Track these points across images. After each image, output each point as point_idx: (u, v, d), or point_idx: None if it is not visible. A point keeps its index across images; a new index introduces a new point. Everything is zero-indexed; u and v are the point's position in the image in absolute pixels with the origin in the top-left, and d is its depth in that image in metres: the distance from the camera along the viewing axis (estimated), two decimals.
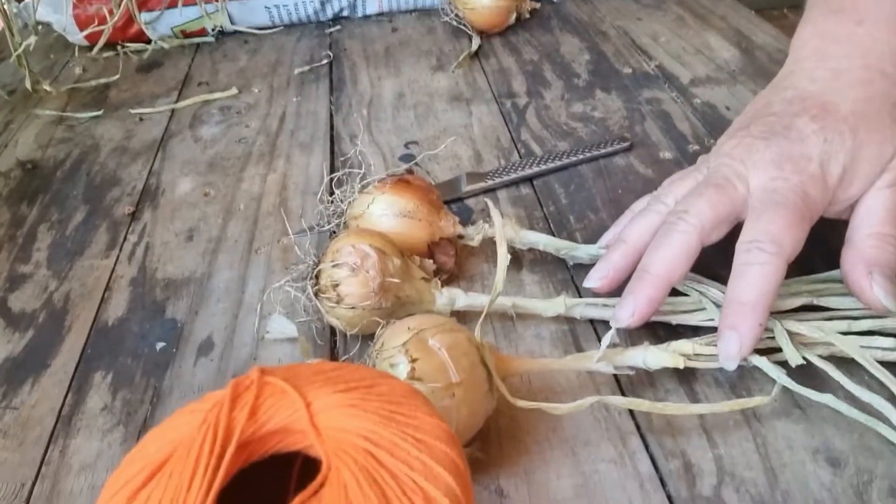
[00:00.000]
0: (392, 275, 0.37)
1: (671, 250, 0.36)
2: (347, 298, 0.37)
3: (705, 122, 0.57)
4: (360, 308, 0.37)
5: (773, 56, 0.66)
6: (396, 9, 0.81)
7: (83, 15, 0.74)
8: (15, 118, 0.65)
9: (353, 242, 0.37)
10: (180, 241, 0.48)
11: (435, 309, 0.39)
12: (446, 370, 0.31)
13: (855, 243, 0.36)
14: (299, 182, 0.53)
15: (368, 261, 0.37)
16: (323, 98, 0.65)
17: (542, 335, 0.39)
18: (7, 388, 0.38)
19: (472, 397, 0.31)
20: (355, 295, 0.36)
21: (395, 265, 0.37)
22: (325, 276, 0.37)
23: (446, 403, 0.30)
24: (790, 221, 0.34)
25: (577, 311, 0.39)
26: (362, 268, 0.37)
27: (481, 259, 0.45)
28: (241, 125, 0.62)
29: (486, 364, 0.32)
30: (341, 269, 0.37)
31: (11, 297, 0.45)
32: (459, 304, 0.39)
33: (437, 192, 0.44)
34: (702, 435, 0.34)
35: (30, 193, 0.55)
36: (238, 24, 0.77)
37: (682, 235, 0.36)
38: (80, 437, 0.35)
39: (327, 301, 0.37)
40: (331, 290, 0.37)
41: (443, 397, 0.30)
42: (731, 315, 0.34)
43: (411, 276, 0.38)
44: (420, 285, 0.39)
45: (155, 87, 0.69)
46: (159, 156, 0.58)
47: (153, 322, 0.42)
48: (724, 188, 0.37)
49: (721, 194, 0.36)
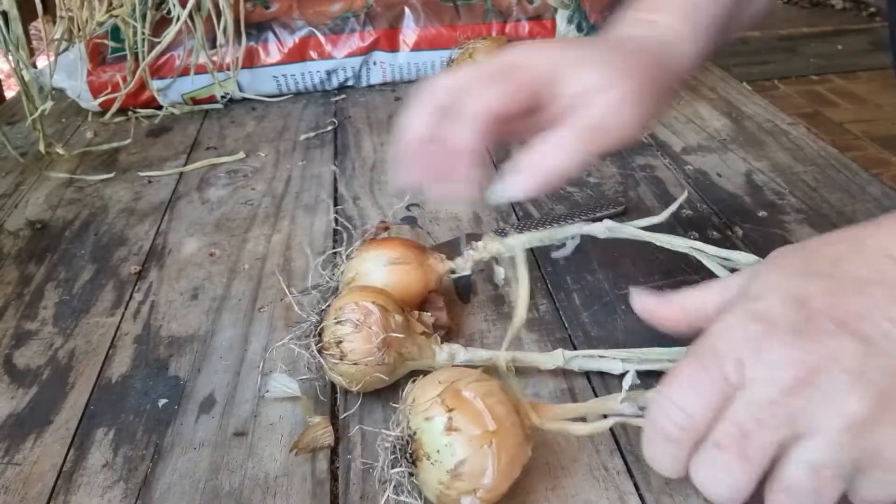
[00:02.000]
0: (394, 330, 0.38)
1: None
2: (351, 354, 0.37)
3: (697, 187, 0.59)
4: (363, 364, 0.37)
5: (763, 126, 0.69)
6: (399, 79, 0.84)
7: (97, 82, 0.77)
8: (26, 179, 0.67)
9: (356, 300, 0.38)
10: (185, 299, 0.49)
11: (436, 364, 0.39)
12: (483, 419, 0.31)
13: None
14: (303, 242, 0.55)
15: (371, 317, 0.37)
16: (327, 162, 0.67)
17: (540, 394, 0.40)
18: (10, 443, 0.39)
19: (510, 444, 0.31)
20: (358, 351, 0.37)
21: (396, 321, 0.38)
22: (328, 333, 0.38)
23: (485, 452, 0.30)
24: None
25: (576, 364, 0.40)
26: (365, 324, 0.37)
27: (479, 318, 0.46)
28: (247, 188, 0.63)
29: (518, 410, 0.33)
30: (344, 325, 0.37)
31: (17, 353, 0.45)
32: (460, 358, 0.39)
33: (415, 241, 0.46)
34: (700, 493, 0.34)
35: (38, 252, 0.56)
36: (246, 92, 0.80)
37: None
38: (81, 494, 0.36)
39: (331, 357, 0.38)
40: (334, 346, 0.37)
41: (481, 445, 0.30)
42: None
43: (412, 331, 0.39)
44: (421, 340, 0.39)
45: (164, 150, 0.71)
46: (167, 217, 0.60)
47: (156, 379, 0.42)
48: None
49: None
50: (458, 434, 0.31)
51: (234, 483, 0.36)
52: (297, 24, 0.80)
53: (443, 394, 0.32)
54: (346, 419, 0.39)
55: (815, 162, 0.62)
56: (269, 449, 0.37)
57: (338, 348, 0.37)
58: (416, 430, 0.32)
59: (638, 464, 0.35)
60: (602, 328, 0.44)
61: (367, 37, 0.80)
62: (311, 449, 0.37)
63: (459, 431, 0.31)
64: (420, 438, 0.32)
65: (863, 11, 3.26)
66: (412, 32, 0.81)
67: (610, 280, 0.48)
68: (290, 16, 0.80)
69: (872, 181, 0.59)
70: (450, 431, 0.31)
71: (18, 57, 0.65)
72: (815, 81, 2.62)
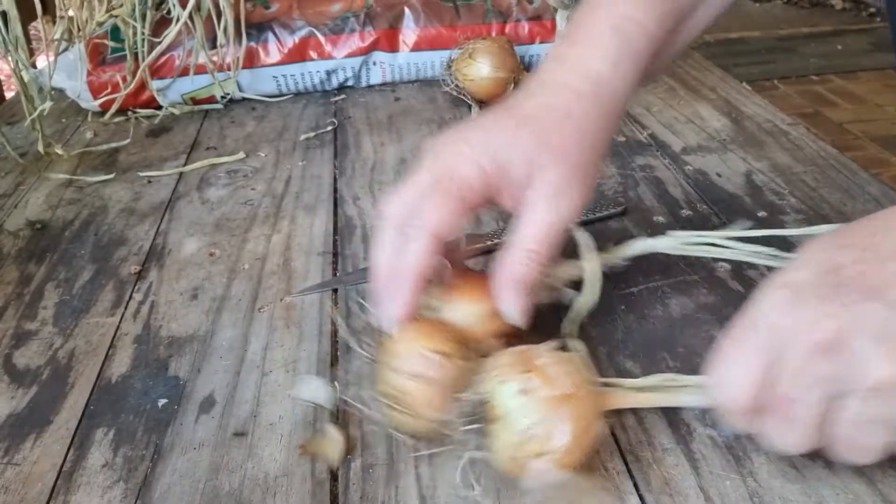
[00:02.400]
0: (458, 380, 0.34)
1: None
2: (411, 407, 0.34)
3: (697, 187, 0.59)
4: (424, 420, 0.34)
5: (763, 126, 0.69)
6: (399, 79, 0.84)
7: (97, 82, 0.77)
8: (26, 180, 0.67)
9: (420, 350, 0.35)
10: (185, 299, 0.49)
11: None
12: (557, 382, 0.31)
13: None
14: (303, 242, 0.55)
15: (436, 369, 0.34)
16: (327, 162, 0.67)
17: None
18: (10, 443, 0.39)
19: (584, 411, 0.31)
20: (419, 405, 0.34)
21: (460, 366, 0.35)
22: (385, 381, 0.35)
23: (558, 414, 0.30)
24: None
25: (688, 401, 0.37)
26: (426, 377, 0.34)
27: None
28: (247, 188, 0.63)
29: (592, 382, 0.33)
30: (404, 377, 0.34)
31: (17, 353, 0.45)
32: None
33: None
34: (699, 494, 0.34)
35: (38, 252, 0.56)
36: (246, 92, 0.80)
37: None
38: (81, 494, 0.36)
39: (388, 407, 0.35)
40: (393, 395, 0.34)
41: (555, 408, 0.30)
42: None
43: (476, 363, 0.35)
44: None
45: (164, 150, 0.71)
46: (166, 217, 0.60)
47: (156, 379, 0.43)
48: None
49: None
50: (530, 396, 0.30)
51: (234, 483, 0.36)
52: (297, 25, 0.80)
53: (518, 360, 0.32)
54: (345, 418, 0.39)
55: (814, 162, 0.62)
56: (268, 449, 0.37)
57: (395, 397, 0.35)
58: (489, 393, 0.32)
59: (638, 464, 0.35)
60: (601, 328, 0.44)
61: (367, 37, 0.80)
62: (317, 457, 0.36)
63: (532, 393, 0.30)
64: (492, 402, 0.31)
65: (863, 11, 3.27)
66: (412, 33, 0.81)
67: (609, 279, 0.48)
68: (290, 16, 0.80)
69: (872, 181, 0.59)
70: (523, 393, 0.30)
71: (18, 57, 0.65)
72: (814, 81, 2.62)
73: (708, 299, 0.46)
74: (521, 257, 0.37)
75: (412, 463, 0.36)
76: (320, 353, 0.44)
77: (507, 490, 0.34)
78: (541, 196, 0.38)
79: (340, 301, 0.48)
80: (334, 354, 0.44)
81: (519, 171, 0.38)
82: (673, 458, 0.36)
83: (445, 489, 0.34)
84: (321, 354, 0.43)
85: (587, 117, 0.39)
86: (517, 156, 0.38)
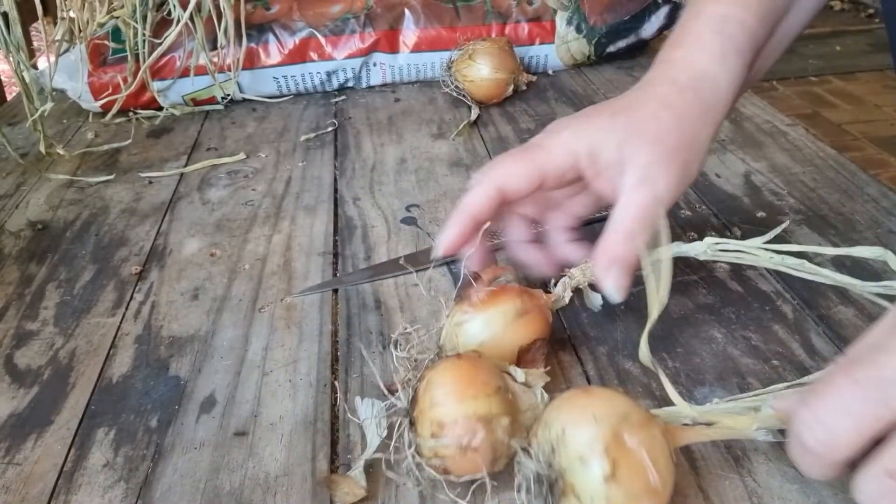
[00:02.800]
0: (501, 440, 0.32)
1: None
2: (453, 473, 0.33)
3: (696, 188, 0.59)
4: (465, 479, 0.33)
5: (761, 126, 0.69)
6: (399, 80, 0.84)
7: (98, 83, 0.77)
8: (27, 180, 0.67)
9: (459, 417, 0.32)
10: (185, 299, 0.49)
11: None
12: (647, 474, 0.29)
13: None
14: (303, 243, 0.55)
15: (478, 437, 0.32)
16: (328, 163, 0.67)
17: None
18: (10, 443, 0.39)
19: (665, 498, 0.30)
20: (462, 469, 0.32)
21: (503, 427, 0.33)
22: (426, 448, 0.33)
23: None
24: None
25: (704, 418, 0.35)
26: (470, 446, 0.32)
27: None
28: (247, 188, 0.64)
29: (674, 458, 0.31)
30: (447, 446, 0.32)
31: (18, 353, 0.45)
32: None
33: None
34: (698, 494, 0.34)
35: (39, 253, 0.56)
36: (247, 93, 0.81)
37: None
38: (82, 494, 0.36)
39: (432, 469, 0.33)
40: (434, 459, 0.33)
41: (641, 501, 0.29)
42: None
43: (519, 422, 0.34)
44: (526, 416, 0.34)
45: (165, 151, 0.72)
46: (167, 217, 0.60)
47: (157, 379, 0.43)
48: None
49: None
50: (618, 486, 0.28)
51: (235, 483, 0.36)
52: (298, 26, 0.80)
53: (605, 436, 0.29)
54: (345, 418, 0.39)
55: (813, 163, 0.63)
56: (269, 449, 0.37)
57: (438, 460, 0.33)
58: (567, 469, 0.29)
59: None
60: (601, 329, 0.44)
61: (367, 38, 0.80)
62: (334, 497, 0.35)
63: (620, 483, 0.28)
64: (572, 480, 0.29)
65: (861, 13, 3.27)
66: (412, 34, 0.81)
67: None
68: (291, 17, 0.80)
69: (871, 182, 0.59)
70: (610, 481, 0.28)
71: (19, 58, 0.65)
72: (813, 82, 2.63)
73: (707, 300, 0.46)
74: (616, 238, 0.39)
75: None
76: (321, 354, 0.44)
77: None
78: (634, 179, 0.39)
79: (341, 301, 0.48)
80: (335, 355, 0.44)
81: (611, 156, 0.39)
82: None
83: (446, 490, 0.35)
84: (321, 355, 0.44)
85: (688, 109, 0.40)
86: (611, 141, 0.39)
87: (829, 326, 0.44)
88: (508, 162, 0.40)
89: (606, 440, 0.29)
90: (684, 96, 0.40)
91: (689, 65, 0.41)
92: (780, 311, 0.45)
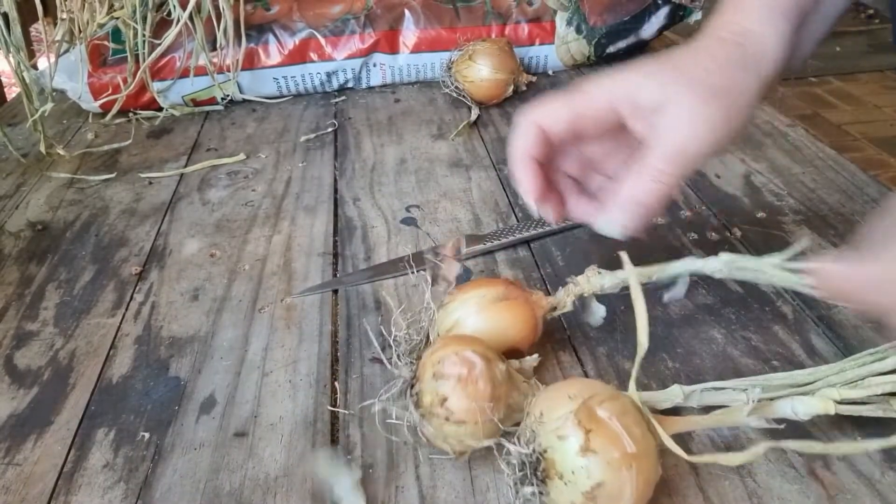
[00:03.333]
0: (500, 382, 0.34)
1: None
2: (457, 414, 0.33)
3: (696, 189, 0.59)
4: (471, 423, 0.33)
5: (761, 127, 0.69)
6: (399, 81, 0.84)
7: (98, 83, 0.77)
8: (27, 180, 0.67)
9: (456, 350, 0.34)
10: (185, 300, 0.49)
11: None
12: (621, 441, 0.29)
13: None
14: (303, 243, 0.55)
15: (475, 370, 0.33)
16: (327, 164, 0.67)
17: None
18: (10, 443, 0.39)
19: (647, 466, 0.30)
20: (465, 410, 0.33)
21: (500, 371, 0.34)
22: (428, 392, 0.34)
23: (624, 475, 0.29)
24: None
25: (695, 399, 0.36)
26: (470, 379, 0.33)
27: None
28: (247, 189, 0.64)
29: (652, 430, 0.31)
30: (447, 381, 0.33)
31: (17, 354, 0.45)
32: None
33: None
34: (698, 494, 0.34)
35: (39, 253, 0.56)
36: (247, 94, 0.81)
37: None
38: (82, 494, 0.36)
39: (436, 419, 0.33)
40: (437, 406, 0.33)
41: (620, 469, 0.29)
42: None
43: (515, 380, 0.35)
44: (524, 388, 0.35)
45: (165, 152, 0.72)
46: (167, 218, 0.60)
47: (157, 379, 0.43)
48: None
49: None
50: (594, 455, 0.29)
51: (235, 483, 0.36)
52: (298, 26, 0.80)
53: (577, 411, 0.30)
54: (345, 418, 0.39)
55: (813, 163, 0.63)
56: (269, 449, 0.37)
57: (442, 407, 0.33)
58: (546, 448, 0.30)
59: None
60: (601, 329, 0.44)
61: (367, 39, 0.80)
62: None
63: (596, 453, 0.29)
64: (552, 457, 0.30)
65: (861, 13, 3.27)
66: (412, 34, 0.81)
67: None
68: (291, 18, 0.80)
69: (870, 182, 0.59)
70: (586, 452, 0.29)
71: (19, 58, 0.65)
72: (813, 83, 2.63)
73: (707, 300, 0.47)
74: (646, 175, 0.38)
75: (412, 463, 0.36)
76: (320, 354, 0.44)
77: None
78: (673, 120, 0.38)
79: (341, 302, 0.48)
80: (334, 355, 0.44)
81: (653, 95, 0.39)
82: (672, 457, 0.36)
83: (446, 489, 0.35)
84: (321, 355, 0.44)
85: (731, 61, 0.39)
86: (653, 82, 0.39)
87: (829, 327, 0.44)
88: (547, 104, 0.41)
89: (579, 415, 0.30)
90: (727, 47, 0.40)
91: (733, 25, 0.41)
92: (780, 311, 0.45)
